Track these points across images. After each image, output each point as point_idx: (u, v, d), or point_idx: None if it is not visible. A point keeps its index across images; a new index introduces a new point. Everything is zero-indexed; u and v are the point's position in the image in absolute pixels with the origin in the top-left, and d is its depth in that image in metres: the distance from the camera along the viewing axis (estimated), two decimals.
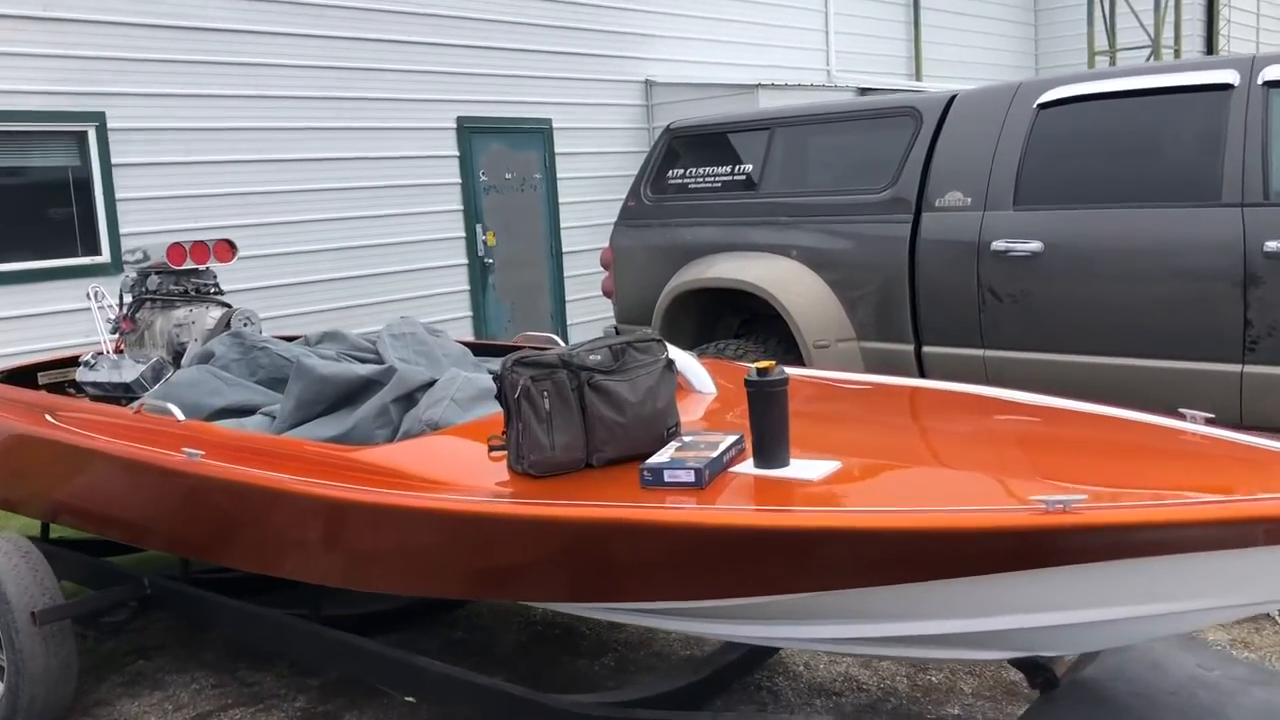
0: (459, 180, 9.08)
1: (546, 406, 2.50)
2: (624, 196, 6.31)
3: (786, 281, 5.22)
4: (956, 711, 3.24)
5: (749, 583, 2.21)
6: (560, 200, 9.82)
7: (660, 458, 2.43)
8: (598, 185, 10.02)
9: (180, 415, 3.29)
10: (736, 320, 5.78)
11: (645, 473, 2.37)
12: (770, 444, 2.40)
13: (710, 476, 2.37)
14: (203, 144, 7.63)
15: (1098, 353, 4.45)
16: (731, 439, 2.51)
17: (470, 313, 9.14)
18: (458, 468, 2.65)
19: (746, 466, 2.44)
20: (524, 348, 4.31)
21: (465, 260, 9.15)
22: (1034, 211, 4.63)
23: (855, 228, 5.15)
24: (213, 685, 3.78)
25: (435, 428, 3.14)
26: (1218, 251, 4.17)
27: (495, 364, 4.14)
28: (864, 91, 10.91)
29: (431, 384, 3.30)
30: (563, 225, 9.85)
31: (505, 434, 2.59)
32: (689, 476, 2.34)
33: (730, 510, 2.16)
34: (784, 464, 2.41)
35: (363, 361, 3.85)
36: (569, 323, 9.81)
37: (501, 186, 9.42)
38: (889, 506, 2.11)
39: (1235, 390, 4.16)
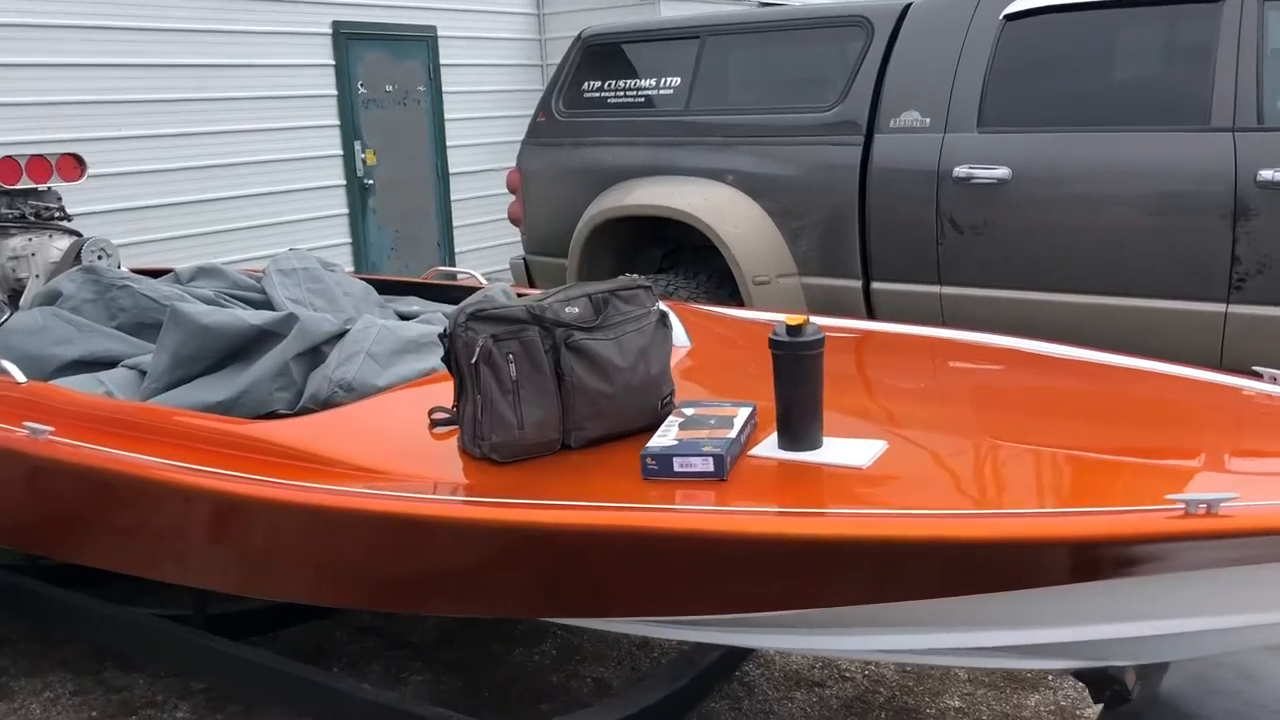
0: (335, 92, 8.25)
1: (513, 374, 1.96)
2: (515, 113, 5.68)
3: (722, 210, 4.71)
4: (957, 703, 2.86)
5: (803, 596, 1.73)
6: (446, 116, 9.07)
7: (663, 439, 1.91)
8: (487, 100, 9.30)
9: (20, 376, 2.62)
10: (659, 253, 5.26)
11: (649, 460, 1.85)
12: (802, 421, 1.91)
13: (731, 464, 1.86)
14: (41, 43, 6.66)
15: (1068, 290, 4.09)
16: (745, 412, 2.01)
17: (349, 239, 8.38)
18: (388, 448, 2.09)
19: (768, 448, 1.94)
20: (438, 285, 3.71)
21: (343, 181, 8.36)
22: (1000, 134, 4.21)
23: (798, 151, 4.66)
24: (72, 693, 3.15)
25: (350, 390, 2.56)
26: (1205, 180, 3.81)
27: (404, 304, 3.55)
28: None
29: (341, 335, 2.70)
30: (449, 143, 9.11)
31: (456, 407, 2.04)
32: (706, 465, 1.83)
33: (798, 517, 1.66)
34: (816, 445, 1.92)
35: (246, 303, 3.21)
36: (456, 250, 9.13)
37: (382, 100, 8.63)
38: (979, 509, 1.65)
39: (1217, 332, 3.85)
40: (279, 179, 7.93)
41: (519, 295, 3.24)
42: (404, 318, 3.41)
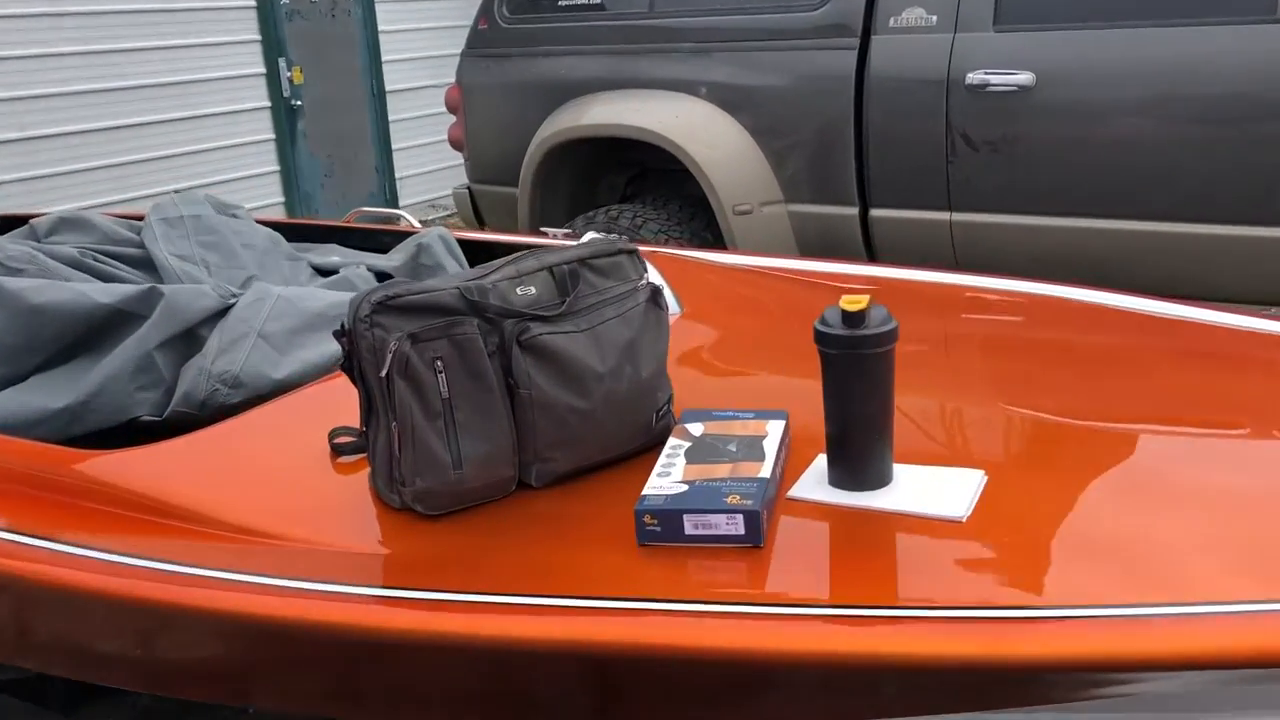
0: (254, 3, 7.42)
1: (443, 389, 1.34)
2: (457, 23, 4.96)
3: (695, 128, 4.06)
4: None
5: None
6: (380, 28, 8.25)
7: (665, 480, 1.31)
8: (425, 9, 8.48)
9: None
10: (623, 180, 4.61)
11: (648, 520, 1.26)
12: (866, 447, 1.32)
13: (768, 520, 1.27)
14: None
15: (1103, 215, 3.51)
16: (776, 429, 1.42)
17: (277, 167, 7.62)
18: (269, 493, 1.48)
19: (815, 486, 1.35)
20: (362, 229, 3.06)
21: (267, 103, 7.56)
22: (1022, 33, 3.58)
23: (783, 58, 4.00)
24: None
25: (236, 386, 1.93)
26: (1271, 83, 3.23)
27: (321, 254, 2.89)
28: None
29: (224, 311, 2.06)
30: (384, 58, 8.30)
31: (363, 430, 1.42)
32: (734, 527, 1.24)
33: (944, 627, 1.07)
34: (884, 480, 1.34)
35: (121, 263, 2.55)
36: (398, 176, 8.39)
37: (307, 11, 7.79)
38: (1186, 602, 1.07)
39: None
40: (193, 102, 7.12)
41: (468, 243, 2.62)
42: (322, 273, 2.76)
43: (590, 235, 2.20)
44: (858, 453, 1.33)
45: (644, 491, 1.29)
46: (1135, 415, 1.56)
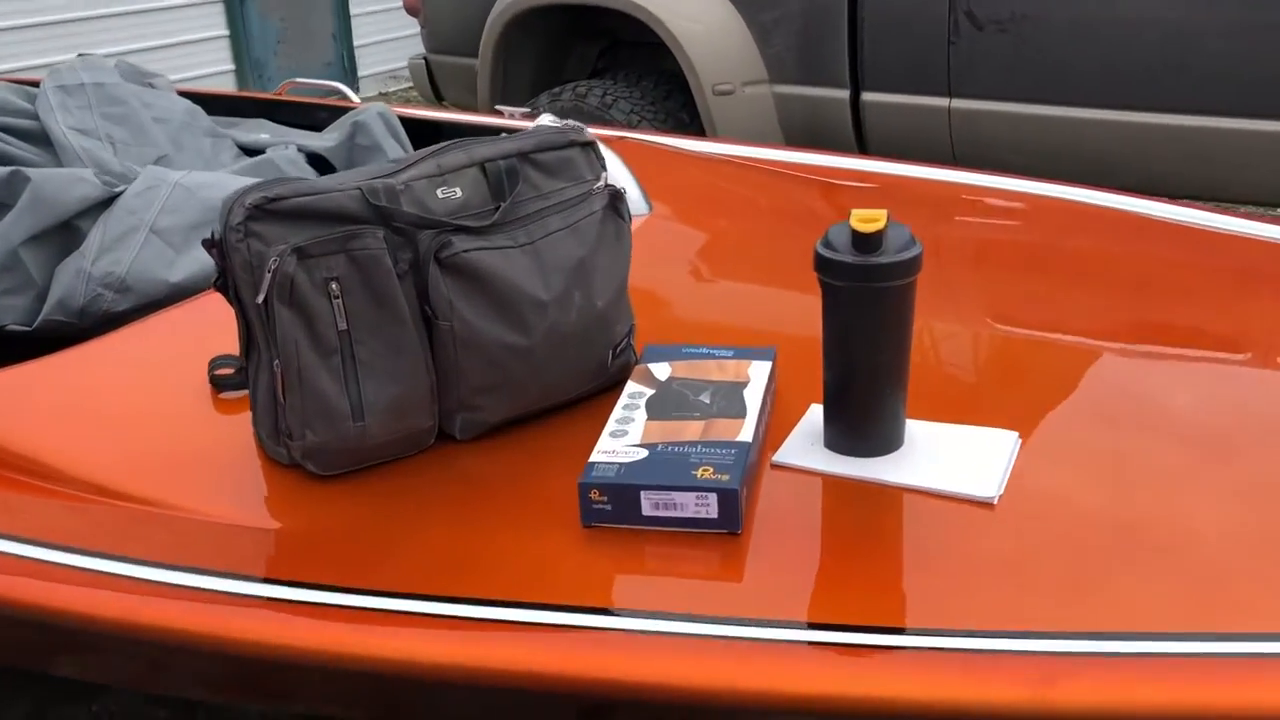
0: None
1: (341, 320, 1.05)
2: None
3: None
4: None
5: None
6: None
7: (619, 443, 1.03)
8: None
9: None
10: (594, 50, 4.23)
11: (594, 495, 0.98)
12: (873, 404, 1.05)
13: (748, 499, 1.00)
14: None
15: (1114, 106, 3.20)
16: (761, 371, 1.14)
17: (226, 30, 7.11)
18: (134, 440, 1.19)
19: (808, 448, 1.08)
20: (295, 104, 2.70)
21: None
22: None
23: None
24: None
25: (122, 290, 1.64)
26: None
27: (247, 131, 2.56)
28: None
29: (110, 201, 1.75)
30: None
31: (243, 360, 1.14)
32: (705, 508, 0.96)
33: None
34: (895, 443, 1.07)
35: (14, 136, 2.20)
36: (356, 44, 7.88)
37: None
38: None
39: None
40: None
41: (413, 122, 2.28)
42: (248, 152, 2.43)
43: (548, 119, 1.87)
44: (863, 410, 1.05)
45: (592, 457, 1.02)
46: (1194, 343, 1.29)
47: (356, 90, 7.74)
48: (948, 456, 1.06)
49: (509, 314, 1.10)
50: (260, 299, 1.04)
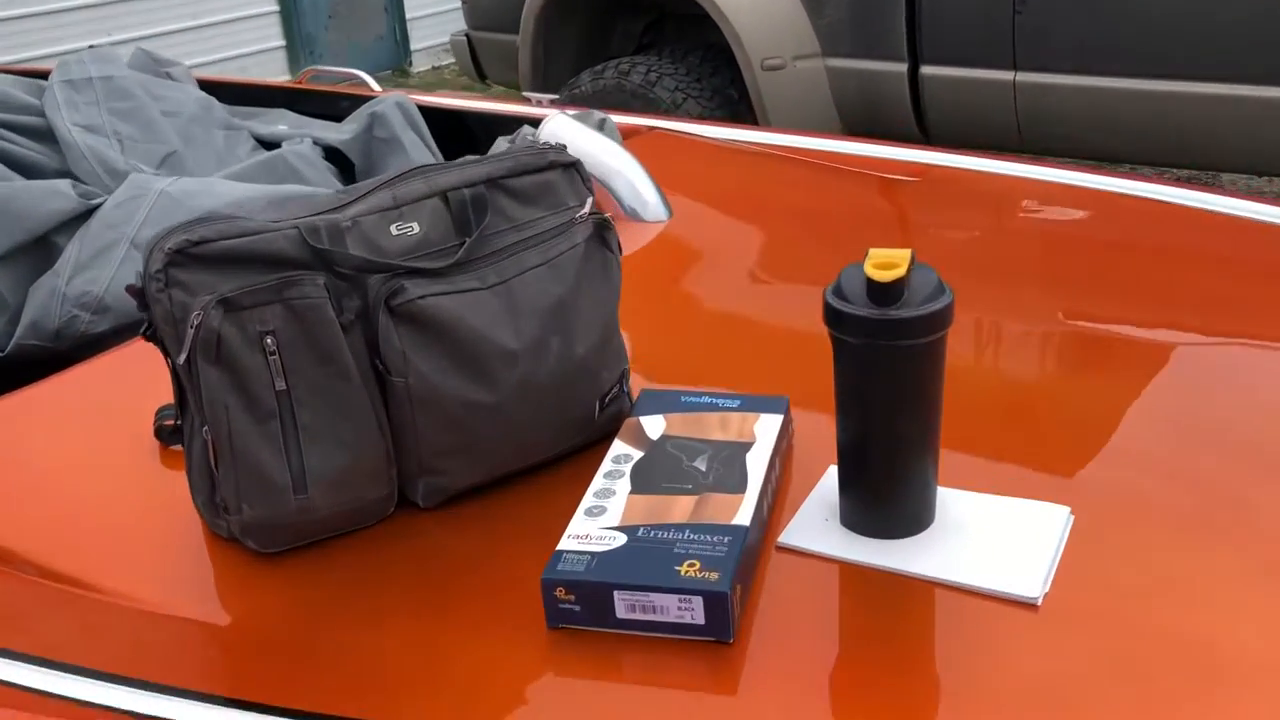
0: None
1: (278, 380, 0.91)
2: None
3: None
4: None
5: None
6: None
7: (591, 525, 0.88)
8: None
9: None
10: (640, 25, 4.05)
11: (560, 594, 0.83)
12: (898, 476, 0.89)
13: (743, 600, 0.85)
14: None
15: (1196, 78, 2.95)
16: (770, 428, 0.99)
17: (276, 6, 7.04)
18: (61, 499, 1.08)
19: (819, 525, 0.92)
20: (315, 93, 2.57)
21: None
22: None
23: None
24: None
25: (101, 311, 1.53)
26: None
27: (265, 122, 2.43)
28: None
29: (89, 213, 1.63)
30: None
31: (177, 425, 1.00)
32: (689, 613, 0.81)
33: None
34: (923, 522, 0.91)
35: (19, 134, 2.10)
36: (408, 17, 7.77)
37: None
38: None
39: None
40: None
41: (434, 112, 2.13)
42: (265, 144, 2.31)
43: (557, 116, 1.72)
44: (883, 485, 0.89)
45: (560, 544, 0.87)
46: None
47: (409, 64, 7.65)
48: (985, 539, 0.89)
49: (473, 367, 0.95)
50: (183, 358, 0.90)
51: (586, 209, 1.03)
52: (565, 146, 1.05)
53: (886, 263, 0.83)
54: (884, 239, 1.63)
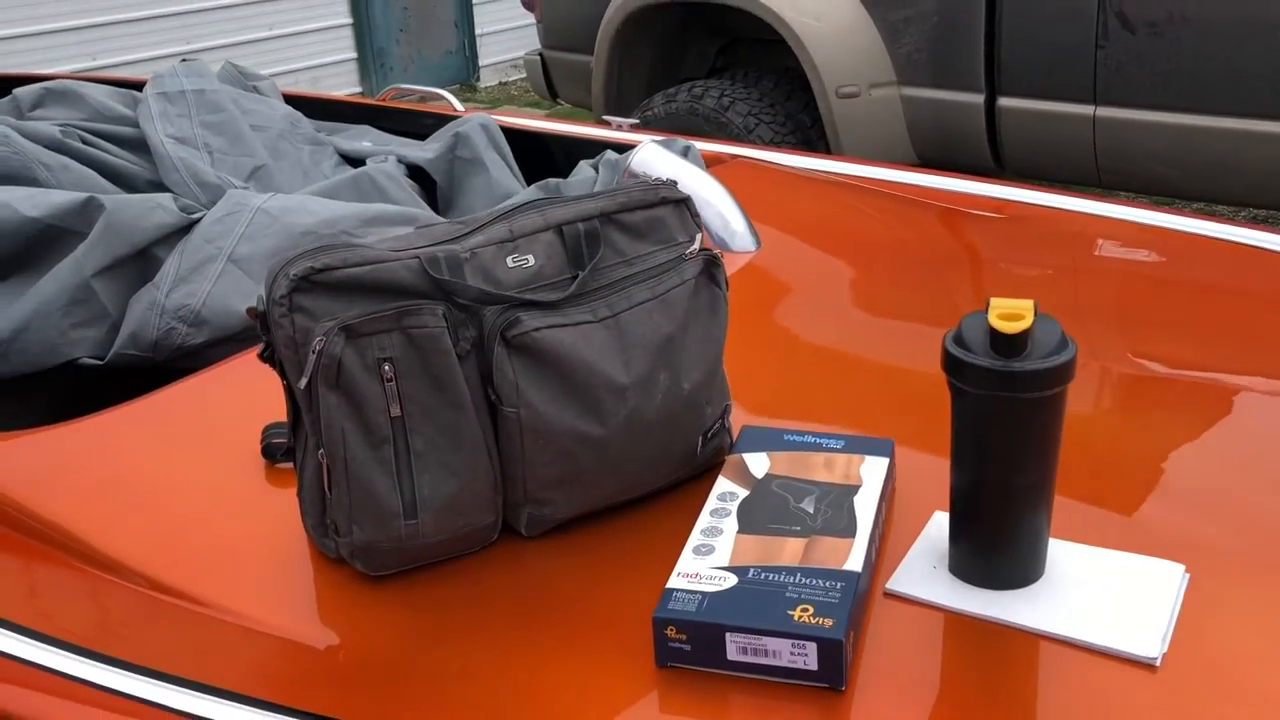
0: None
1: (394, 407, 0.92)
2: None
3: None
4: None
5: None
6: None
7: (700, 564, 0.89)
8: None
9: None
10: (714, 49, 4.07)
11: (670, 633, 0.84)
12: (1012, 527, 0.88)
13: (854, 646, 0.85)
14: None
15: None
16: (876, 471, 0.98)
17: (349, 19, 7.14)
18: (165, 517, 1.10)
19: (927, 573, 0.92)
20: (397, 110, 2.61)
21: None
22: None
23: None
24: None
25: (197, 324, 1.55)
26: None
27: (349, 138, 2.47)
28: None
29: (189, 227, 1.67)
30: None
31: (290, 446, 1.02)
32: (801, 659, 0.81)
33: None
34: (1034, 574, 0.90)
35: (112, 143, 2.15)
36: (478, 33, 7.85)
37: None
38: None
39: None
40: None
41: (515, 133, 2.15)
42: (349, 160, 2.34)
43: (648, 144, 1.73)
44: (997, 536, 0.89)
45: (670, 582, 0.87)
46: None
47: (477, 79, 7.73)
48: (1097, 594, 0.88)
49: (583, 400, 0.96)
50: (303, 384, 0.92)
51: (697, 245, 1.03)
52: (675, 182, 1.06)
53: (1011, 314, 0.82)
54: (971, 277, 1.62)
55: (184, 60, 2.44)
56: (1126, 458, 1.10)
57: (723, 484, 0.99)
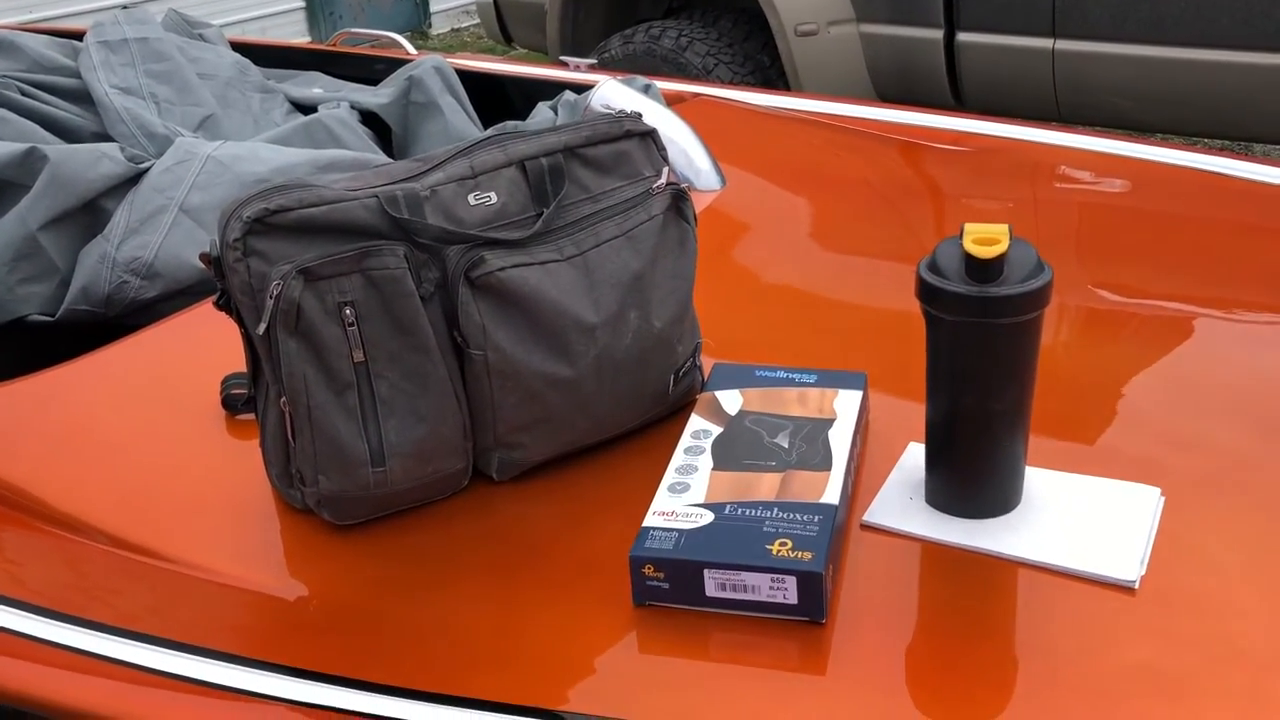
0: None
1: (357, 351, 0.90)
2: None
3: None
4: None
5: None
6: None
7: (675, 502, 0.87)
8: None
9: None
10: None
11: (648, 571, 0.82)
12: (989, 455, 0.87)
13: (833, 578, 0.84)
14: None
15: (1246, 47, 2.90)
16: (850, 404, 0.97)
17: None
18: (129, 470, 1.07)
19: (903, 504, 0.91)
20: (347, 55, 2.55)
21: None
22: None
23: None
24: None
25: (149, 277, 1.51)
26: None
27: (299, 85, 2.41)
28: None
29: (138, 177, 1.62)
30: None
31: (250, 396, 0.99)
32: (781, 592, 0.80)
33: None
34: (1010, 502, 0.89)
35: (55, 95, 2.08)
36: None
37: None
38: None
39: None
40: None
41: (471, 76, 2.11)
42: (300, 108, 2.28)
43: (609, 83, 1.69)
44: (973, 464, 0.88)
45: (646, 521, 0.86)
46: None
47: (429, 25, 7.59)
48: (1075, 519, 0.88)
49: (552, 340, 0.94)
50: (261, 330, 0.89)
51: (664, 179, 1.01)
52: (640, 115, 1.03)
53: (986, 238, 0.81)
54: (936, 210, 1.61)
55: (125, 8, 2.36)
56: (1097, 386, 1.09)
57: (696, 422, 0.98)
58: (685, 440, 0.95)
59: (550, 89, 2.09)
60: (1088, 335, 1.21)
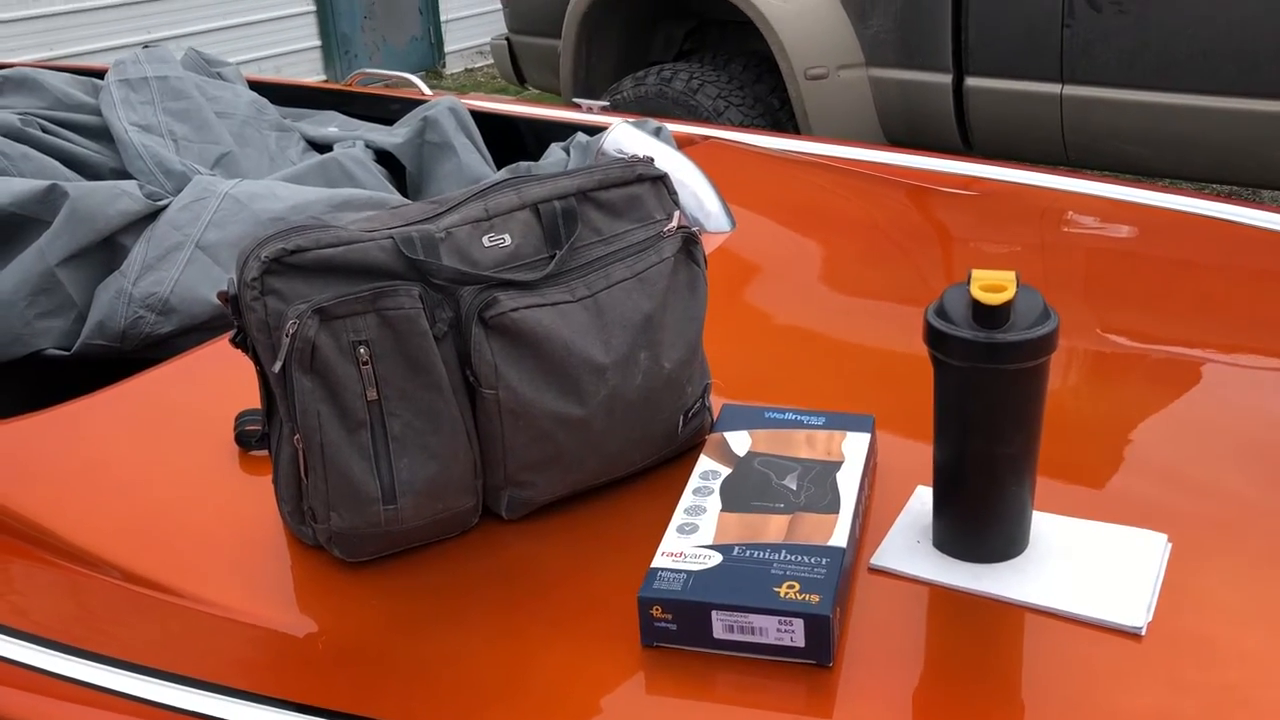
0: None
1: (371, 390, 0.91)
2: None
3: None
4: None
5: None
6: None
7: (684, 543, 0.88)
8: None
9: None
10: (682, 31, 4.05)
11: (655, 613, 0.83)
12: (995, 500, 0.88)
13: (839, 622, 0.84)
14: None
15: (1249, 95, 2.92)
16: (858, 446, 0.98)
17: (313, 5, 7.06)
18: (142, 505, 1.08)
19: (910, 547, 0.92)
20: (365, 95, 2.58)
21: None
22: None
23: None
24: None
25: (165, 313, 1.53)
26: None
27: (316, 124, 2.43)
28: None
29: (156, 214, 1.64)
30: None
31: (264, 432, 1.00)
32: (788, 635, 0.81)
33: None
34: (1018, 547, 0.90)
35: (76, 132, 2.11)
36: (443, 19, 7.79)
37: None
38: None
39: None
40: None
41: (485, 117, 2.14)
42: (318, 148, 2.31)
43: (621, 126, 1.71)
44: (980, 509, 0.88)
45: (655, 561, 0.86)
46: None
47: (443, 65, 7.67)
48: (1082, 565, 0.88)
49: (563, 380, 0.95)
50: (276, 368, 0.90)
51: (674, 223, 1.02)
52: (653, 160, 1.05)
53: (993, 285, 0.82)
54: (945, 254, 1.62)
55: (146, 46, 2.40)
56: (1104, 431, 1.10)
57: (705, 463, 0.99)
58: (694, 481, 0.96)
59: (563, 130, 2.12)
60: (1095, 380, 1.22)
